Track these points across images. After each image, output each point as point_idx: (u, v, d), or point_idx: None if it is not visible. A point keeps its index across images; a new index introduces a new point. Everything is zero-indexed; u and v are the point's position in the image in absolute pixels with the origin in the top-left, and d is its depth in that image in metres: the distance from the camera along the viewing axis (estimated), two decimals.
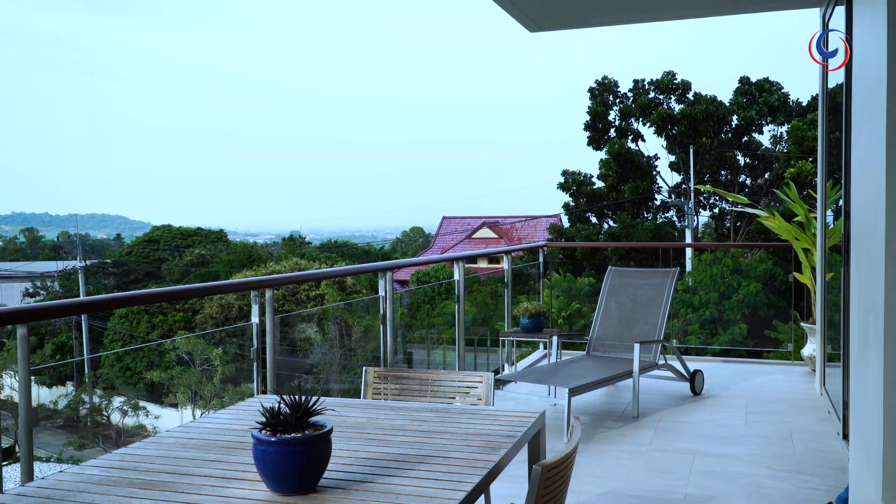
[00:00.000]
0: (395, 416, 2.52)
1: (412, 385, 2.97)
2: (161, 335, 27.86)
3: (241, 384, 19.02)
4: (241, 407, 2.70)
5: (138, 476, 2.01)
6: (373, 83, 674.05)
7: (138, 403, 22.06)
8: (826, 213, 5.78)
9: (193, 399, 20.09)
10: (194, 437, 2.35)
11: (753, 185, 24.78)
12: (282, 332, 16.83)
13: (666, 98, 24.44)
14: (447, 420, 2.47)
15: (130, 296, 3.54)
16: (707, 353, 11.26)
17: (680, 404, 5.57)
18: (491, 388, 2.84)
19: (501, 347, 6.89)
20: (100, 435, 20.50)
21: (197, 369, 20.30)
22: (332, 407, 2.60)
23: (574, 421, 2.18)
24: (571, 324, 15.17)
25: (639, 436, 4.77)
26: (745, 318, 13.15)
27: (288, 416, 1.88)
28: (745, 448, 4.49)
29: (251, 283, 4.00)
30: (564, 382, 4.89)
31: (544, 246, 8.12)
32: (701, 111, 23.19)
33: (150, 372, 22.51)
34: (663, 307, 5.90)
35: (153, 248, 38.58)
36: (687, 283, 14.04)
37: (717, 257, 14.01)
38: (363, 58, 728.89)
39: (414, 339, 19.21)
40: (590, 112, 24.96)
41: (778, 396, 5.79)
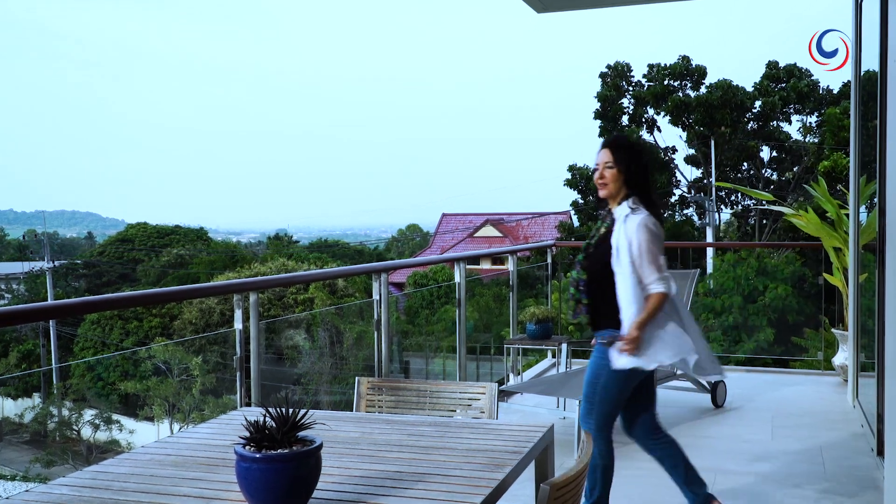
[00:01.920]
0: (390, 431, 2.52)
1: (409, 397, 2.97)
2: (136, 343, 27.86)
3: (223, 396, 19.02)
4: (223, 420, 2.70)
5: (111, 496, 2.01)
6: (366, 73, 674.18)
7: (111, 417, 22.05)
8: (859, 209, 5.78)
9: (171, 412, 20.08)
10: (172, 453, 2.35)
11: (780, 180, 24.79)
12: (267, 340, 16.82)
13: (681, 85, 24.43)
14: (447, 435, 2.47)
15: (103, 300, 3.54)
16: (730, 361, 11.26)
17: (700, 418, 5.57)
18: (495, 400, 2.84)
19: (506, 356, 6.89)
20: (69, 451, 20.49)
21: (175, 380, 20.30)
22: (322, 420, 2.60)
23: (585, 436, 2.18)
24: (582, 330, 15.16)
25: None
26: (771, 323, 13.15)
27: (274, 430, 1.88)
28: (772, 465, 4.49)
29: (234, 285, 4.00)
30: (575, 394, 4.89)
31: (553, 245, 8.11)
32: (717, 97, 23.17)
33: (124, 382, 22.51)
34: None
35: (127, 248, 38.59)
36: (708, 286, 14.04)
37: (741, 257, 14.00)
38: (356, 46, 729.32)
39: (411, 346, 19.22)
40: (599, 97, 24.93)
41: (807, 409, 5.79)
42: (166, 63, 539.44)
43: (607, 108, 24.98)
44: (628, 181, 3.42)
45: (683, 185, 25.57)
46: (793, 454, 4.70)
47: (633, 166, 3.42)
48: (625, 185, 3.43)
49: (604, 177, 3.44)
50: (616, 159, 3.43)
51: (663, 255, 3.40)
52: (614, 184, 3.43)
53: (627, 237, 3.34)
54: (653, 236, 3.34)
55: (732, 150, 23.81)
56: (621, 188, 3.43)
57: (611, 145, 3.47)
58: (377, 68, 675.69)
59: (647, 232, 3.33)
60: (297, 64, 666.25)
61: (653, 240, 3.34)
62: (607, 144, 3.48)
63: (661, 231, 3.41)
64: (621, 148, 3.45)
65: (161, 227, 40.98)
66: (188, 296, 3.60)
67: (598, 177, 3.46)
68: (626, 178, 3.42)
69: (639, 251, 3.33)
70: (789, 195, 23.16)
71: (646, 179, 3.45)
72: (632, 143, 3.52)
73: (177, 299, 22.30)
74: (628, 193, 3.42)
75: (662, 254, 3.39)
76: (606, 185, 3.44)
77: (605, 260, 3.42)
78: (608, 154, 3.44)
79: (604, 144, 3.49)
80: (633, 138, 3.44)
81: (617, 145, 3.47)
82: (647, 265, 3.33)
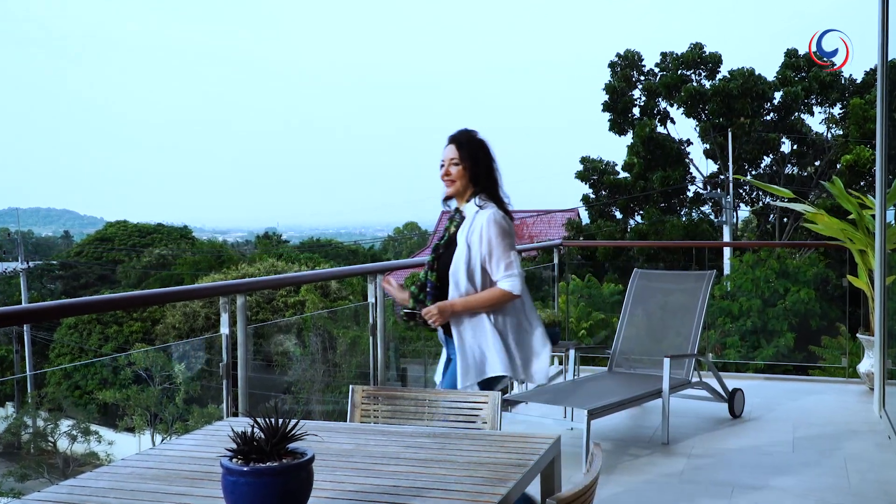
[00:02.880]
0: (386, 443, 2.52)
1: (406, 406, 2.97)
2: (115, 349, 27.86)
3: (209, 405, 19.01)
4: (209, 431, 2.70)
5: None
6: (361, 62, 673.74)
7: (89, 427, 22.04)
8: (886, 207, 5.78)
9: (153, 422, 20.08)
10: (154, 466, 2.35)
11: (801, 175, 24.78)
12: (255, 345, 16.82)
13: (694, 74, 24.41)
14: (447, 447, 2.47)
15: (80, 303, 3.54)
16: (748, 368, 11.27)
17: (717, 428, 5.57)
18: (498, 410, 2.84)
19: None
20: (45, 464, 20.47)
21: (157, 388, 20.30)
22: (314, 431, 2.60)
23: (594, 448, 2.18)
24: (591, 335, 15.17)
25: (669, 465, 4.77)
26: (792, 328, 13.15)
27: (262, 442, 1.88)
28: (793, 479, 4.49)
29: (220, 287, 4.00)
30: (583, 403, 4.89)
31: (560, 245, 8.11)
32: (737, 87, 23.16)
33: (102, 391, 22.50)
34: (697, 316, 5.90)
35: (106, 248, 38.59)
36: (725, 288, 14.04)
37: (760, 258, 14.00)
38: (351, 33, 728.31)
39: (409, 352, 19.21)
40: (608, 89, 24.93)
41: (830, 419, 5.79)
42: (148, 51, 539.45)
43: (617, 99, 24.98)
44: (475, 178, 3.51)
45: (699, 180, 25.57)
46: (815, 467, 4.70)
47: (480, 163, 3.51)
48: (471, 181, 3.51)
49: (449, 173, 3.52)
50: (462, 156, 3.50)
51: (515, 251, 3.48)
52: (461, 180, 3.51)
53: (478, 234, 3.43)
54: (503, 231, 3.44)
55: (751, 144, 23.80)
56: (468, 185, 3.52)
57: (456, 141, 3.54)
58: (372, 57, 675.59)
59: (497, 227, 3.42)
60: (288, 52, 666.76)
61: (503, 235, 3.43)
62: (453, 140, 3.55)
63: (511, 227, 3.51)
64: (467, 144, 3.53)
65: (142, 225, 40.97)
66: (171, 298, 3.61)
67: (444, 173, 3.53)
68: (473, 174, 3.50)
69: (489, 247, 3.42)
70: (811, 191, 23.16)
71: (492, 176, 3.54)
72: (479, 139, 3.57)
73: (159, 302, 22.28)
74: (476, 190, 3.51)
75: (514, 250, 3.48)
76: (453, 182, 3.52)
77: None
78: (454, 150, 3.52)
79: (449, 140, 3.56)
80: (479, 134, 3.52)
81: (462, 141, 3.53)
82: (497, 261, 3.43)
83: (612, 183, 24.79)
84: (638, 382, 5.55)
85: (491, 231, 3.41)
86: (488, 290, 3.46)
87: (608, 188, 24.99)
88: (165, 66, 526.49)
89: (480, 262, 3.45)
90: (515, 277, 3.44)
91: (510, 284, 3.43)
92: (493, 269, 3.44)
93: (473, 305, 3.45)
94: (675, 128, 25.46)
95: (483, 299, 3.44)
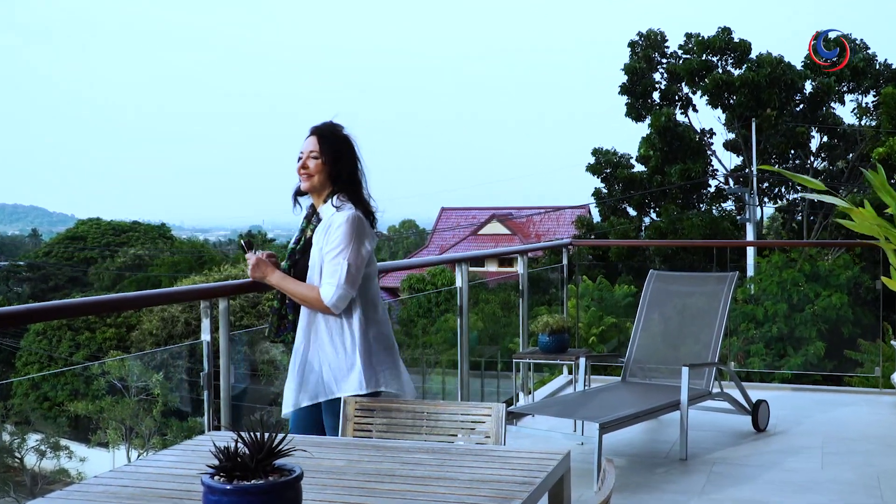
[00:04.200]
0: (381, 459, 2.52)
1: (403, 419, 2.97)
2: (88, 357, 27.85)
3: (189, 418, 19.02)
4: (189, 446, 2.70)
5: None
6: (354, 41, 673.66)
7: (59, 442, 22.04)
8: None
9: (128, 437, 20.08)
10: (129, 484, 2.35)
11: (831, 170, 24.78)
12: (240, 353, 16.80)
13: (721, 61, 24.40)
14: (447, 463, 2.47)
15: (49, 307, 3.54)
16: (774, 378, 11.27)
17: (739, 443, 5.57)
18: (502, 423, 2.84)
19: (515, 372, 6.89)
20: (10, 481, 20.48)
21: (132, 399, 20.30)
22: (303, 446, 2.60)
23: (606, 464, 2.18)
24: (603, 342, 15.19)
25: (688, 482, 4.77)
26: (821, 335, 13.15)
27: (247, 457, 1.88)
28: (822, 498, 4.49)
29: (201, 290, 4.00)
30: (594, 415, 4.89)
31: (570, 244, 8.12)
32: (765, 76, 23.16)
33: (74, 403, 22.50)
34: (719, 322, 5.90)
35: (78, 248, 38.61)
36: (748, 292, 14.06)
37: (790, 259, 13.98)
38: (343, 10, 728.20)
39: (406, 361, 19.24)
40: (627, 70, 24.90)
41: (863, 433, 5.79)
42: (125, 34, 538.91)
43: (636, 82, 24.94)
44: (334, 175, 3.45)
45: (721, 174, 25.57)
46: (846, 485, 4.70)
47: (343, 159, 3.46)
48: (330, 179, 3.46)
49: (307, 167, 3.47)
50: (323, 149, 3.45)
51: (354, 263, 3.35)
52: (318, 175, 3.45)
53: (326, 237, 3.39)
54: (352, 233, 3.35)
55: (778, 136, 23.79)
56: (326, 182, 3.46)
57: (319, 133, 3.49)
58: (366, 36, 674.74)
59: (347, 227, 3.35)
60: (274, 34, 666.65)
61: (349, 237, 3.35)
62: (315, 131, 3.50)
63: (367, 233, 3.42)
64: (331, 137, 3.48)
65: (117, 223, 40.98)
66: (148, 302, 3.61)
67: (301, 166, 3.48)
68: (333, 171, 3.45)
69: (330, 247, 3.36)
70: (842, 187, 23.16)
71: (356, 176, 3.49)
72: (345, 134, 3.52)
73: (135, 307, 22.23)
74: (334, 190, 3.46)
75: (350, 261, 3.35)
76: (310, 177, 3.47)
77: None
78: (315, 142, 3.46)
79: (311, 131, 3.51)
80: (346, 129, 3.46)
81: (326, 134, 3.48)
82: (330, 263, 3.36)
83: (626, 177, 24.76)
84: (654, 393, 5.56)
85: (340, 230, 3.35)
86: (309, 286, 3.40)
87: (622, 183, 24.97)
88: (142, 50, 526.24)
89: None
90: (336, 288, 3.32)
91: (325, 291, 3.33)
92: (323, 271, 3.37)
93: (288, 289, 3.43)
94: (696, 117, 25.46)
95: (299, 290, 3.41)
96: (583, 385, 6.02)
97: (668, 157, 24.24)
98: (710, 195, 25.44)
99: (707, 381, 5.67)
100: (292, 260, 3.53)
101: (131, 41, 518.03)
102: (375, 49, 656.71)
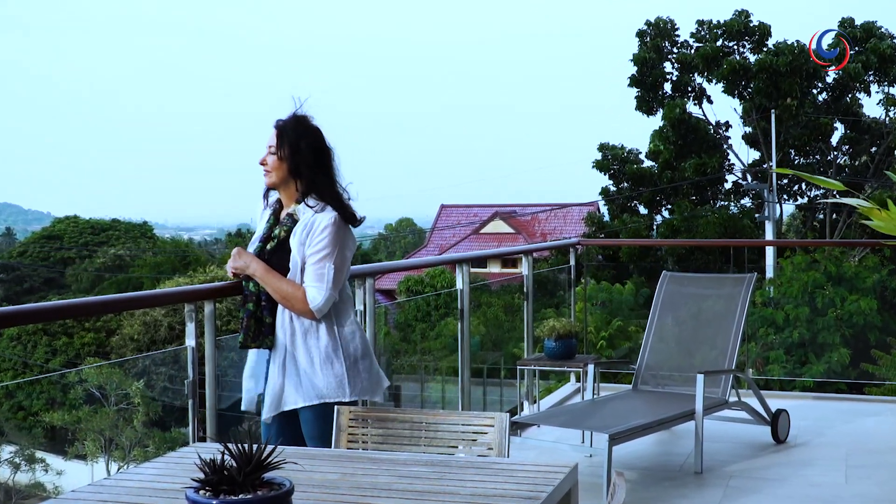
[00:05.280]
0: (376, 472, 2.52)
1: (400, 430, 2.97)
2: (65, 363, 27.87)
3: (172, 429, 19.03)
4: (172, 459, 2.70)
5: None
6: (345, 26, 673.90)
7: (34, 454, 22.05)
8: None
9: (107, 448, 20.09)
10: (109, 499, 2.35)
11: (854, 165, 24.77)
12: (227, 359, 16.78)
13: (738, 46, 24.40)
14: (447, 477, 2.47)
15: (24, 311, 3.54)
16: (794, 387, 11.27)
17: (758, 455, 5.57)
18: (506, 434, 2.84)
19: (519, 379, 6.89)
20: None
21: (112, 409, 20.31)
22: (294, 459, 2.60)
23: (616, 478, 2.18)
24: (613, 347, 15.19)
25: (703, 497, 4.77)
26: (846, 341, 13.14)
27: (234, 471, 1.88)
28: None
29: (185, 293, 4.00)
30: (604, 426, 4.89)
31: (577, 244, 8.12)
32: (785, 63, 23.15)
33: (50, 413, 22.51)
34: (736, 326, 5.90)
35: (54, 247, 38.61)
36: (768, 294, 14.05)
37: (814, 259, 13.95)
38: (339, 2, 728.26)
39: (403, 368, 19.23)
40: (636, 60, 24.93)
41: (890, 444, 5.79)
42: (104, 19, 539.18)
43: (646, 73, 24.97)
44: (294, 170, 3.45)
45: (738, 169, 25.57)
46: (872, 500, 4.70)
47: (301, 155, 3.44)
48: (290, 174, 3.46)
49: (265, 163, 3.48)
50: (280, 144, 3.45)
51: (336, 266, 3.39)
52: (276, 172, 3.46)
53: (310, 239, 3.40)
54: (338, 235, 3.39)
55: (800, 128, 23.78)
56: (287, 178, 3.47)
57: (279, 127, 3.48)
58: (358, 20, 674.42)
59: (333, 229, 3.38)
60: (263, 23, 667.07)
61: (337, 239, 3.39)
62: (276, 125, 3.50)
63: (348, 237, 3.46)
64: (291, 132, 3.46)
65: (95, 221, 41.01)
66: (129, 306, 3.61)
67: (261, 161, 3.49)
68: (292, 167, 3.44)
69: (314, 248, 3.38)
70: (867, 182, 23.16)
71: (322, 172, 3.47)
72: (307, 126, 3.50)
73: (115, 310, 22.21)
74: (303, 189, 3.45)
75: (334, 263, 3.39)
76: (268, 174, 3.48)
77: (288, 268, 3.45)
78: (274, 137, 3.47)
79: (274, 124, 3.51)
80: (313, 120, 3.43)
81: (287, 128, 3.47)
82: (314, 264, 3.38)
83: (634, 173, 24.78)
84: (667, 402, 5.55)
85: (326, 233, 3.37)
86: (293, 283, 3.40)
87: (632, 179, 24.99)
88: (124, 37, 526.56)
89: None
90: (324, 291, 3.36)
91: (312, 294, 3.36)
92: (306, 274, 3.39)
93: (271, 284, 3.42)
94: (711, 109, 25.47)
95: (283, 287, 3.40)
96: (591, 393, 6.02)
97: (682, 151, 24.25)
98: (727, 191, 25.46)
99: (723, 389, 5.67)
100: (263, 260, 3.51)
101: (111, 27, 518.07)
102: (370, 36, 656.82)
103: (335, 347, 3.43)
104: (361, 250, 47.95)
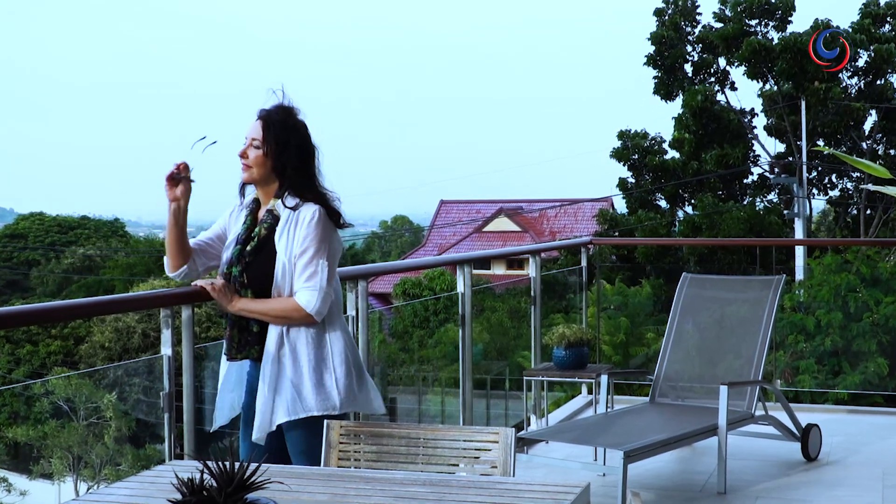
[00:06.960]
0: (370, 492, 2.52)
1: (396, 446, 2.97)
2: (28, 374, 27.87)
3: (147, 445, 19.04)
4: (147, 478, 2.70)
5: None
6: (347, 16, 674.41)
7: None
8: None
9: (76, 467, 20.09)
10: None
11: (889, 155, 24.76)
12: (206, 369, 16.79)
13: (760, 25, 24.38)
14: (447, 498, 2.47)
15: None
16: (827, 399, 11.26)
17: (786, 474, 5.57)
18: (511, 451, 2.84)
19: (526, 391, 6.89)
20: None
21: (81, 423, 20.31)
22: (279, 478, 2.60)
23: (632, 498, 2.18)
24: (628, 356, 15.16)
25: None
26: (883, 349, 13.13)
27: (214, 491, 1.88)
28: None
29: (161, 297, 4.00)
30: (618, 442, 4.89)
31: (590, 243, 8.13)
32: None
33: (12, 427, 22.49)
34: (763, 333, 5.90)
35: (18, 247, 38.62)
36: (798, 298, 14.03)
37: (846, 260, 13.94)
38: None
39: (399, 378, 19.24)
40: (653, 39, 24.94)
41: None
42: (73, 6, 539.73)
43: (664, 53, 24.96)
44: (279, 169, 3.45)
45: (764, 161, 25.57)
46: None
47: (289, 151, 3.45)
48: (274, 172, 3.46)
49: (247, 156, 3.47)
50: (266, 138, 3.44)
51: (327, 262, 3.42)
52: (259, 168, 3.46)
53: (295, 235, 3.41)
54: (323, 234, 3.41)
55: (829, 115, 23.77)
56: (269, 176, 3.48)
57: (265, 119, 3.48)
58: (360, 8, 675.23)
59: (319, 225, 3.40)
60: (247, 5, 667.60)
61: (324, 233, 3.41)
62: (261, 117, 3.49)
63: (334, 233, 3.48)
64: (279, 125, 3.46)
65: (63, 218, 41.00)
66: (100, 310, 3.61)
67: (241, 154, 3.49)
68: (277, 164, 3.45)
69: (301, 247, 3.39)
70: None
71: (306, 169, 3.48)
72: (295, 121, 3.51)
73: (85, 315, 22.15)
74: (285, 186, 3.47)
75: (325, 260, 3.41)
76: (248, 168, 3.48)
77: (272, 270, 3.45)
78: (259, 129, 3.46)
79: (258, 115, 3.51)
80: (300, 114, 3.45)
81: (273, 121, 3.47)
82: (303, 265, 3.39)
83: (657, 164, 24.74)
84: (687, 416, 5.55)
85: (311, 228, 3.38)
86: (280, 299, 3.41)
87: (652, 171, 24.94)
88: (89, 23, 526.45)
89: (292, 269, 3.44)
90: (318, 291, 3.37)
91: (307, 298, 3.37)
92: (296, 275, 3.40)
93: (260, 312, 3.43)
94: (735, 95, 25.46)
95: (272, 308, 3.41)
96: (605, 407, 6.02)
97: (703, 141, 24.23)
98: (753, 185, 25.44)
99: (749, 402, 5.67)
100: (244, 264, 3.50)
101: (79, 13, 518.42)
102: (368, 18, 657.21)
103: (324, 356, 3.43)
104: (353, 250, 47.97)
